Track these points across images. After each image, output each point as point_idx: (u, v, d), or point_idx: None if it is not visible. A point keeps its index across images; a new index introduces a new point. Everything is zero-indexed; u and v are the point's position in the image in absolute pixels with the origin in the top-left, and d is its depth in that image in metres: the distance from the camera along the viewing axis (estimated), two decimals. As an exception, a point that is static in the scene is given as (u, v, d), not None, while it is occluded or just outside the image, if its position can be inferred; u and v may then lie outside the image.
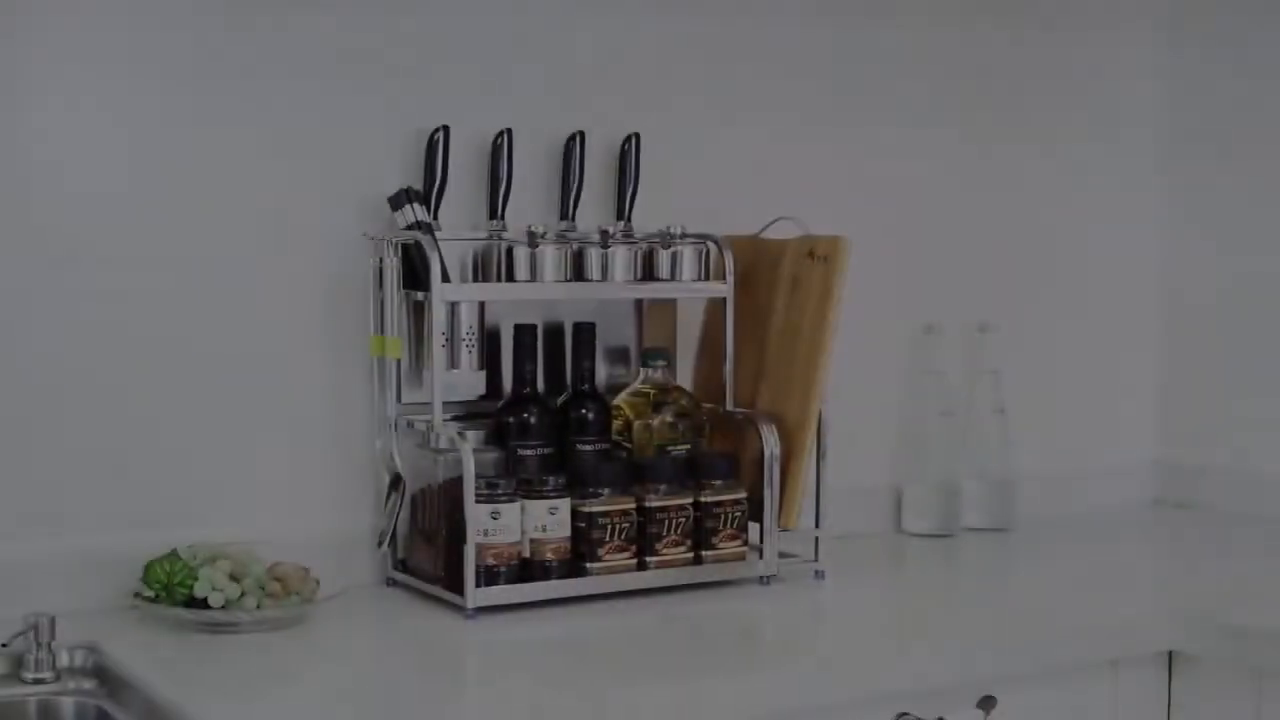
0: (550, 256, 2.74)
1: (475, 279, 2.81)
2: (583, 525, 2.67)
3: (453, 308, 2.72)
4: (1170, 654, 2.67)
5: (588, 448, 2.77)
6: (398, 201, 2.72)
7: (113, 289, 2.61)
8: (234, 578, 2.50)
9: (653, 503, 2.71)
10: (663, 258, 2.84)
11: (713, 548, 2.76)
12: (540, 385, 2.80)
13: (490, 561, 2.60)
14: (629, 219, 2.91)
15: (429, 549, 2.70)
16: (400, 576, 2.76)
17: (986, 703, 2.49)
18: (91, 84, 2.60)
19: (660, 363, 2.86)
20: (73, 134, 2.59)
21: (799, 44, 3.19)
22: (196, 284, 2.67)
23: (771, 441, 2.78)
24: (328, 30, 2.75)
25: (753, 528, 2.81)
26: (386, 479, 2.75)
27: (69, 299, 2.59)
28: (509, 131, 2.81)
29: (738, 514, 2.77)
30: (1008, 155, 3.46)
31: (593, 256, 2.79)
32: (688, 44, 3.08)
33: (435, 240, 2.66)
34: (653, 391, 2.85)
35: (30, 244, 2.56)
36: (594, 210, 2.94)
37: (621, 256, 2.80)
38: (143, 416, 2.64)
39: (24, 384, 2.57)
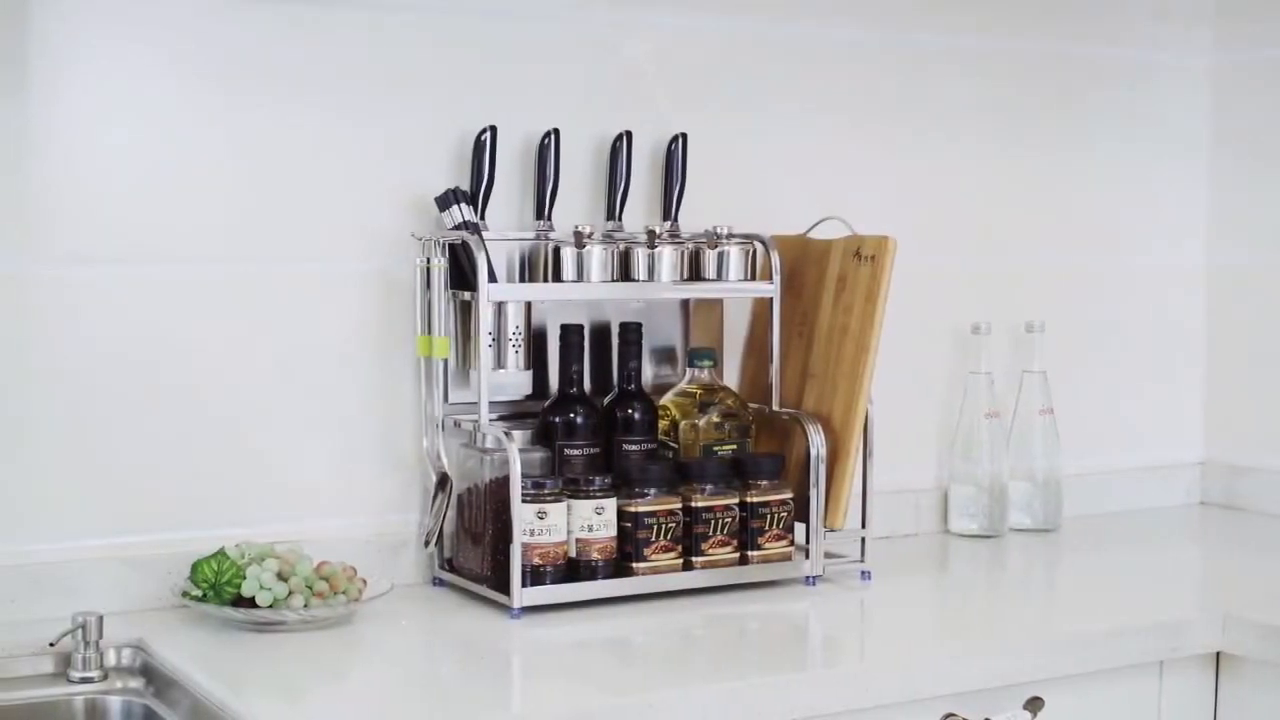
0: (597, 256, 2.72)
1: (522, 279, 2.80)
2: (629, 525, 2.65)
3: (500, 308, 2.71)
4: (1218, 655, 2.65)
5: (634, 448, 2.76)
6: (445, 202, 2.71)
7: (158, 288, 2.61)
8: (281, 577, 2.49)
9: (699, 503, 2.70)
10: (709, 258, 2.82)
11: (759, 548, 2.74)
12: (587, 385, 2.79)
13: (536, 561, 2.59)
14: (675, 219, 2.90)
15: (475, 548, 2.68)
16: (446, 576, 2.75)
17: (1033, 704, 2.47)
18: (138, 85, 2.59)
19: (707, 363, 2.84)
20: (118, 135, 2.58)
21: (847, 45, 3.17)
22: (243, 283, 2.66)
23: (818, 442, 2.76)
24: (375, 31, 2.74)
25: (799, 528, 2.79)
26: (433, 478, 2.73)
27: (114, 299, 2.58)
28: (556, 132, 2.79)
29: (784, 514, 2.75)
30: (1054, 156, 3.43)
31: (639, 256, 2.77)
32: (735, 44, 3.06)
33: (482, 240, 2.65)
34: (699, 391, 2.83)
35: (77, 244, 2.56)
36: (640, 210, 2.93)
37: (668, 256, 2.79)
38: (190, 416, 2.63)
39: (74, 384, 2.56)
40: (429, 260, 2.70)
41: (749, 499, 2.74)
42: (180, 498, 2.63)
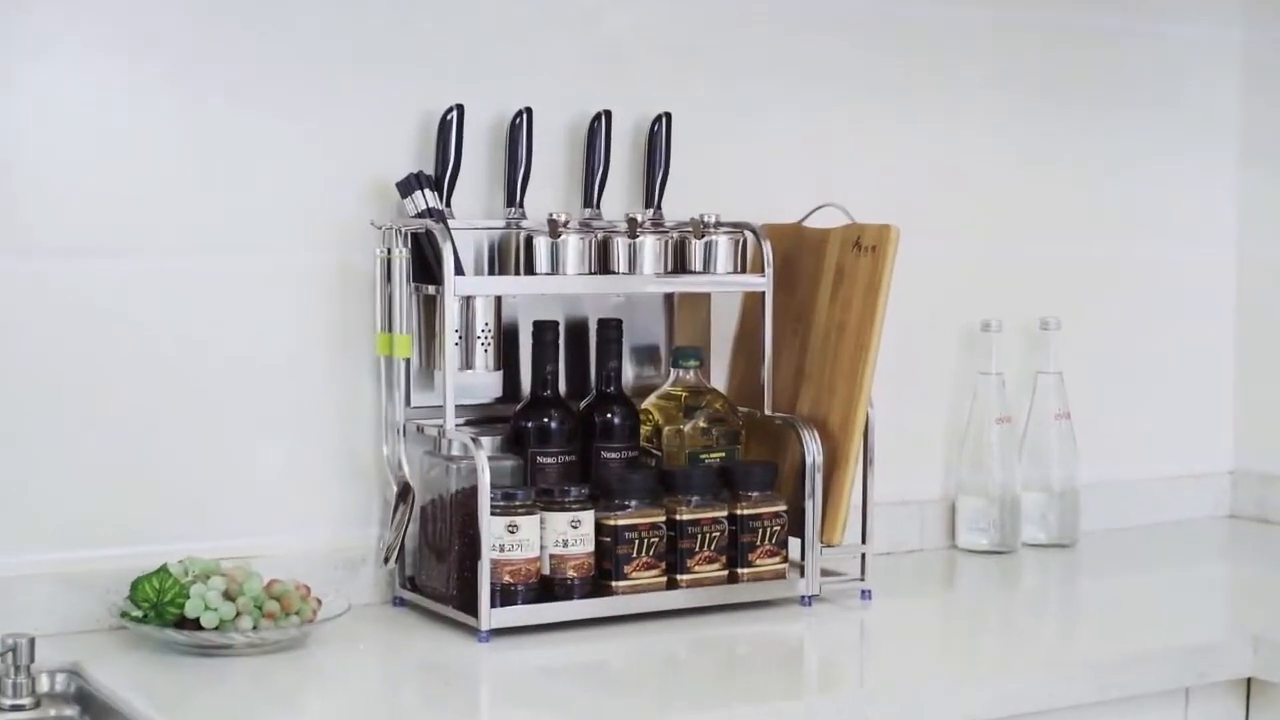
0: (573, 247, 2.73)
1: (491, 271, 2.81)
2: (608, 540, 2.66)
3: (467, 303, 2.71)
4: (1248, 681, 2.66)
5: (613, 455, 2.77)
6: (407, 187, 2.71)
7: (94, 284, 2.60)
8: (228, 596, 2.49)
9: (684, 515, 2.70)
10: (695, 248, 2.82)
11: (749, 565, 2.75)
12: (562, 387, 2.80)
13: (506, 579, 2.59)
14: (659, 206, 2.91)
15: (440, 566, 2.69)
16: (408, 595, 2.76)
17: (1048, 735, 2.49)
18: (76, 66, 2.59)
19: (693, 363, 2.85)
20: (56, 121, 2.58)
21: (846, 17, 3.18)
22: (188, 278, 2.66)
23: (814, 449, 2.77)
24: (331, 3, 2.74)
25: (793, 543, 2.80)
26: (394, 489, 2.74)
27: (45, 296, 2.58)
28: (528, 111, 2.80)
29: (777, 528, 2.76)
30: (1072, 138, 3.44)
31: (619, 247, 2.78)
32: (724, 16, 3.06)
33: (448, 229, 2.65)
34: (684, 394, 2.84)
35: (9, 237, 2.55)
36: (621, 197, 2.94)
37: (650, 247, 2.79)
38: (129, 421, 2.63)
39: (3, 387, 2.56)
40: (390, 251, 2.70)
41: (739, 511, 2.74)
42: (119, 510, 2.63)
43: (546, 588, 2.64)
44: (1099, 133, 3.47)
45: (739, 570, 2.75)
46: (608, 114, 2.87)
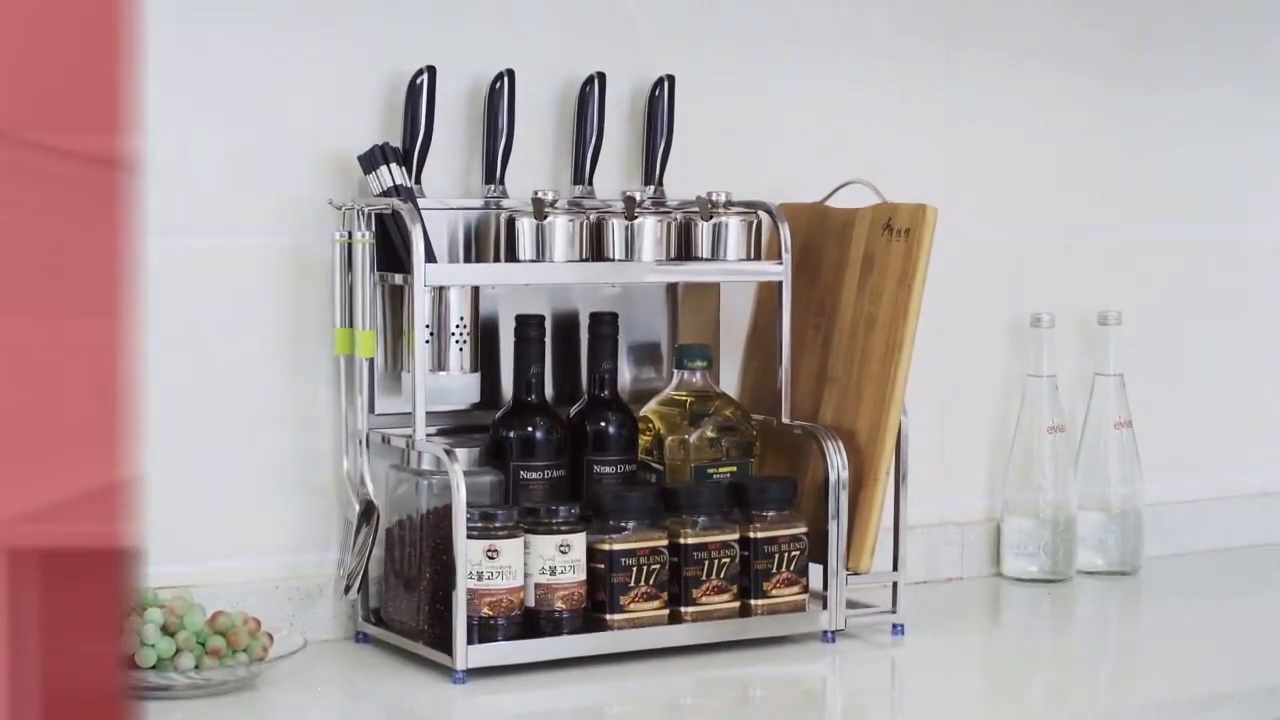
0: (561, 230, 2.73)
1: (468, 258, 2.81)
2: (601, 567, 2.66)
3: (439, 294, 2.71)
4: (1337, 730, 2.67)
5: (608, 470, 2.77)
6: (371, 161, 2.71)
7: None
8: (166, 630, 2.49)
9: (689, 539, 2.71)
10: (702, 231, 2.83)
11: (764, 595, 2.75)
12: (548, 391, 2.80)
13: (485, 612, 2.59)
14: (660, 183, 2.91)
15: (409, 596, 2.69)
16: (373, 630, 2.76)
17: (1106, 790, 2.49)
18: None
19: (699, 363, 2.85)
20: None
21: (874, -35, 3.19)
22: (120, 264, 2.66)
23: (838, 462, 2.77)
24: (284, -52, 2.75)
25: (814, 571, 2.80)
26: (356, 509, 2.74)
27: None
28: (510, 74, 2.80)
29: (795, 553, 2.76)
30: (1135, 102, 3.44)
31: (614, 230, 2.78)
32: (734, -35, 3.07)
33: (418, 209, 2.65)
34: (690, 399, 2.84)
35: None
36: (616, 173, 2.94)
37: (650, 230, 2.79)
38: (52, 429, 2.63)
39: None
40: (350, 235, 2.70)
41: (752, 534, 2.74)
42: (39, 532, 2.63)
43: (531, 621, 2.64)
44: (1168, 95, 3.46)
45: (752, 602, 2.75)
46: (601, 77, 2.87)
